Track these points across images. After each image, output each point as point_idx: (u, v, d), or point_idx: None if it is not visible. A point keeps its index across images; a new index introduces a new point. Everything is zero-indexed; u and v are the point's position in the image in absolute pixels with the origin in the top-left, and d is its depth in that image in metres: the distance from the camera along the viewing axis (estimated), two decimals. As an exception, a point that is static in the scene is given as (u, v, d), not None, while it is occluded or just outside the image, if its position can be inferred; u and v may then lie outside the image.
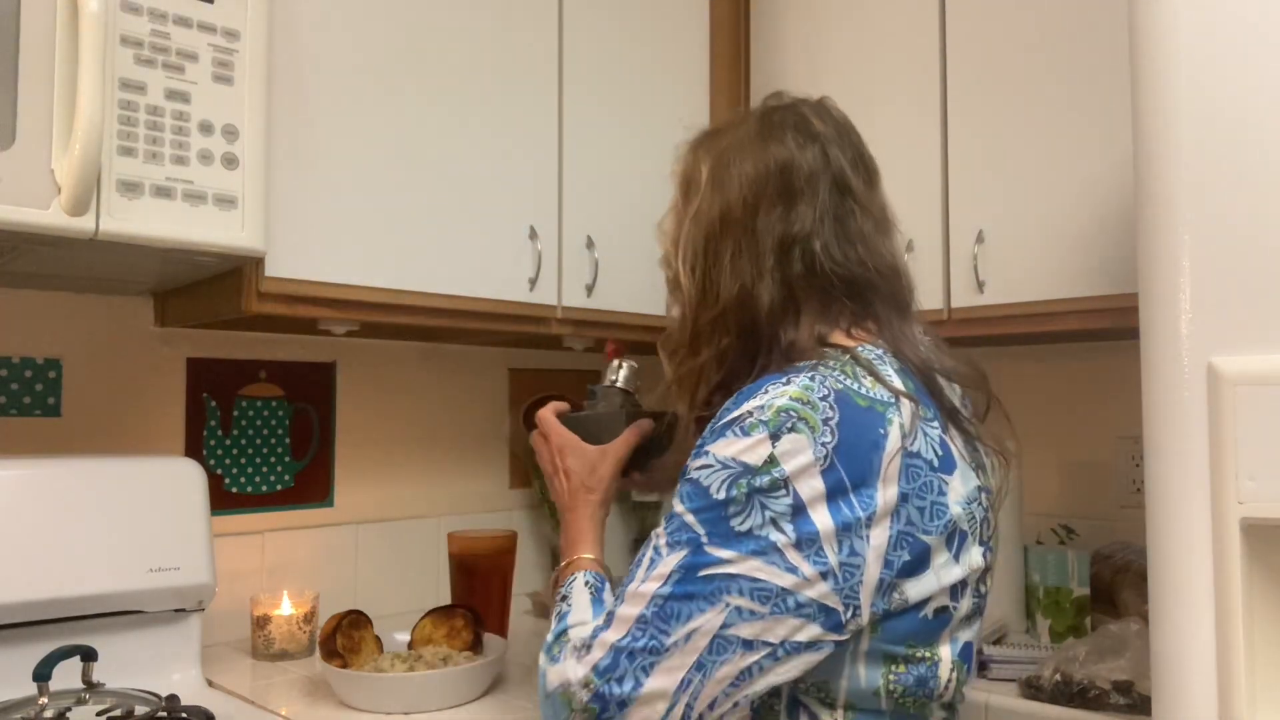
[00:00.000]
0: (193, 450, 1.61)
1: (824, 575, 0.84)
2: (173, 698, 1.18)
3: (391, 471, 1.86)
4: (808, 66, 1.91)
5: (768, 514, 0.85)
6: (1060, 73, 1.57)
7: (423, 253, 1.48)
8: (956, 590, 0.92)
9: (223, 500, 1.63)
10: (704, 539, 0.86)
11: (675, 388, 1.04)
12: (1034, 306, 1.59)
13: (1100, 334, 1.66)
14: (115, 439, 1.53)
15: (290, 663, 1.50)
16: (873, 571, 0.86)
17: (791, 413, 0.87)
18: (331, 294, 1.39)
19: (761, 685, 0.85)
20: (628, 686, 0.84)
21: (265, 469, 1.70)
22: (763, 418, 0.87)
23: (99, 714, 1.14)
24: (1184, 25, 0.92)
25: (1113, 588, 1.59)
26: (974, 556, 0.93)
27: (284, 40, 1.33)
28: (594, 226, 1.71)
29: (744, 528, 0.85)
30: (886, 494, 0.86)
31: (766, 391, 0.89)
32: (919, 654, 0.91)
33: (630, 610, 0.87)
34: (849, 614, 0.85)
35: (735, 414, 0.89)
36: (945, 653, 0.92)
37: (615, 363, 1.31)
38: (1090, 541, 1.72)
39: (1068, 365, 1.91)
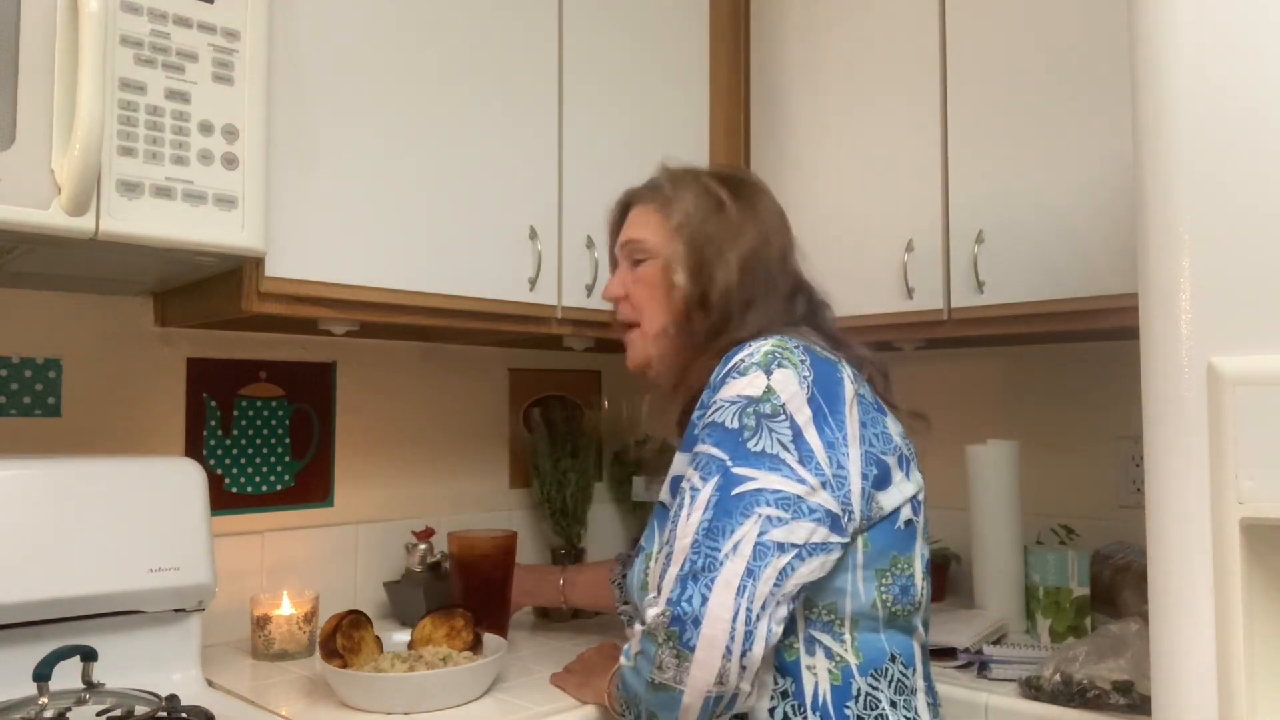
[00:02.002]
0: (193, 450, 1.61)
1: (823, 485, 1.03)
2: (173, 698, 1.18)
3: (391, 471, 1.86)
4: (808, 65, 1.91)
5: (775, 437, 1.03)
6: (1060, 72, 1.57)
7: (423, 253, 1.48)
8: (915, 504, 1.13)
9: (223, 500, 1.63)
10: (729, 463, 1.03)
11: (671, 403, 1.21)
12: (1034, 306, 1.59)
13: (1100, 334, 1.66)
14: (115, 439, 1.53)
15: (290, 663, 1.50)
16: (855, 483, 1.05)
17: (777, 353, 1.08)
18: (331, 294, 1.39)
19: (793, 584, 1.00)
20: (697, 603, 0.97)
21: (265, 469, 1.70)
22: (754, 360, 1.08)
23: (99, 714, 1.13)
24: (1184, 25, 0.92)
25: (1113, 588, 1.59)
26: (917, 476, 1.15)
27: (284, 40, 1.33)
28: (594, 226, 1.70)
29: (758, 448, 1.03)
30: (852, 420, 1.08)
31: (750, 345, 1.10)
32: (899, 565, 1.10)
33: (684, 541, 1.01)
34: (846, 518, 1.04)
35: (730, 365, 1.09)
36: (918, 565, 1.13)
37: (426, 545, 1.73)
38: (1090, 541, 1.72)
39: (1067, 365, 1.91)
